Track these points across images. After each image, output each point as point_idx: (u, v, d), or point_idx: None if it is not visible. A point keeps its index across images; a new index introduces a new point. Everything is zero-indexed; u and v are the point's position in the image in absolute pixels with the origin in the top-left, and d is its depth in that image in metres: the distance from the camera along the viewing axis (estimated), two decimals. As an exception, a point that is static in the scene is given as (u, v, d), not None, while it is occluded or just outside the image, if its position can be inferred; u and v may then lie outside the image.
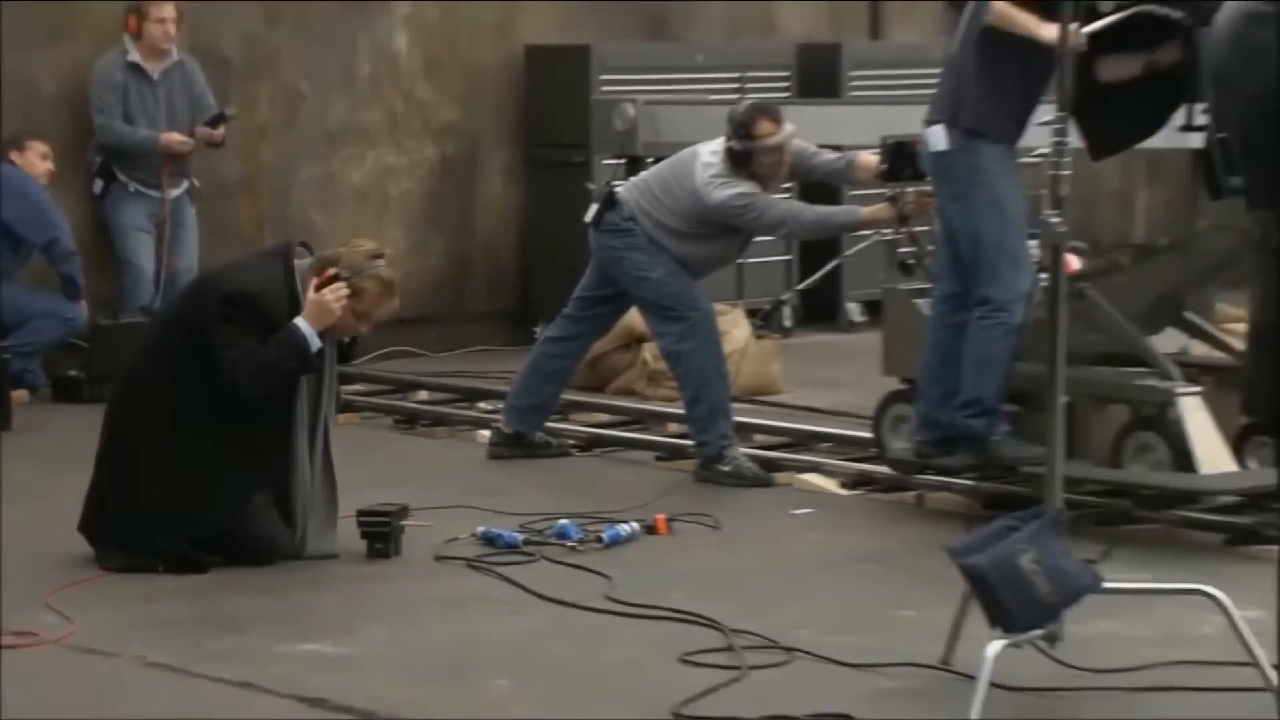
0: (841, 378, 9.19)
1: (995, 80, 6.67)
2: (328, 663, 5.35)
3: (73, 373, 9.18)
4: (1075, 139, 5.49)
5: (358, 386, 9.14)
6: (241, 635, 5.59)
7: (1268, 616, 4.11)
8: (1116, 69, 6.48)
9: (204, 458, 6.20)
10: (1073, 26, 5.23)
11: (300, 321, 6.15)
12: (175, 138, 9.49)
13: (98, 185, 9.60)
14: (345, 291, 6.16)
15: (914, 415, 7.08)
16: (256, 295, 6.21)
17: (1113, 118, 6.52)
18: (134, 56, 9.58)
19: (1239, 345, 6.36)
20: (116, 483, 6.30)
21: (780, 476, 7.63)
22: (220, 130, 9.61)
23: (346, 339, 6.46)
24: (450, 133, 11.10)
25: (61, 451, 7.43)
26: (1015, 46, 6.52)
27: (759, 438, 8.15)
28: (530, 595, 6.00)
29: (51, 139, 9.44)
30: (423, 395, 9.31)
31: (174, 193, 9.63)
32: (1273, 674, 4.29)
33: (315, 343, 6.17)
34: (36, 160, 9.20)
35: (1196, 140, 6.41)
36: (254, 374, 6.15)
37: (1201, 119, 6.27)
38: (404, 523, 6.47)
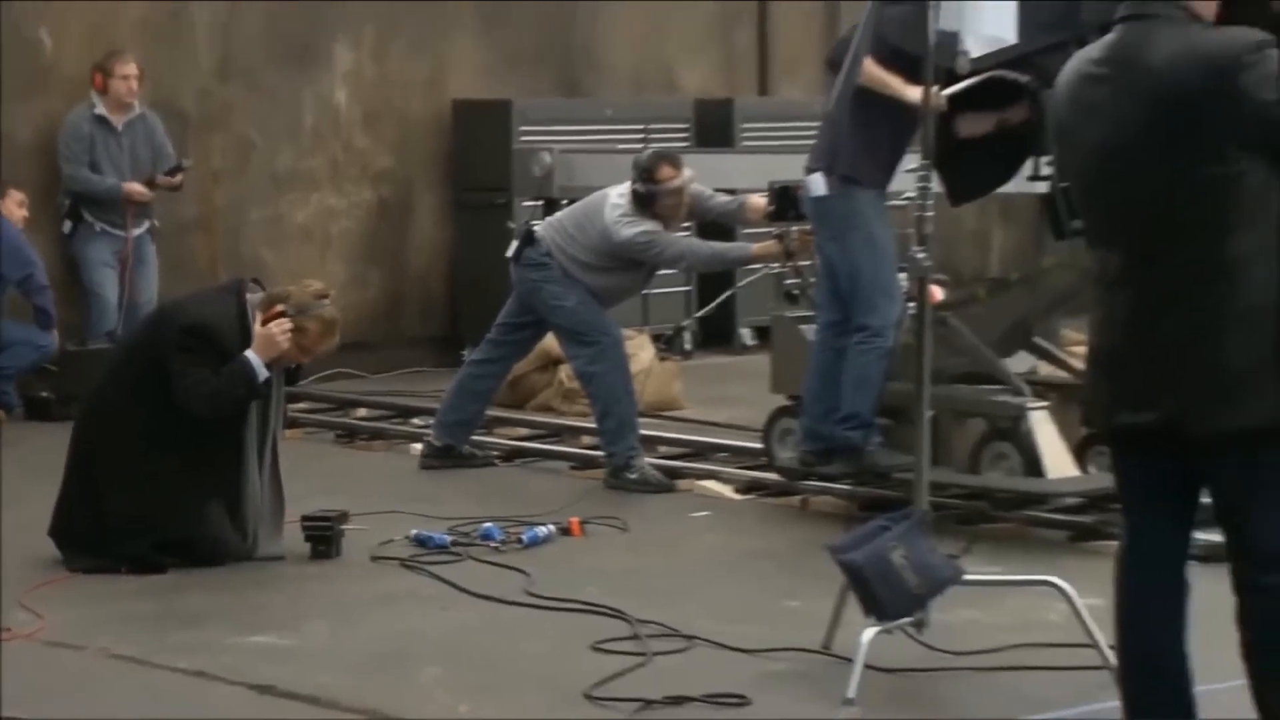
0: (735, 395, 9.21)
1: (868, 133, 6.72)
2: (275, 653, 5.33)
3: (44, 394, 9.10)
4: (937, 186, 5.53)
5: (303, 404, 9.09)
6: (197, 629, 5.56)
7: (1106, 604, 4.15)
8: (972, 126, 6.53)
9: (162, 470, 6.17)
10: (934, 89, 5.28)
11: (250, 354, 6.13)
12: (136, 188, 9.45)
13: (67, 225, 9.55)
14: (289, 326, 6.14)
15: (799, 428, 7.09)
16: (212, 328, 6.18)
17: (969, 169, 6.56)
18: (100, 110, 9.53)
19: (1080, 366, 6.43)
20: (83, 493, 6.26)
21: (681, 483, 7.64)
22: (178, 178, 9.59)
23: (293, 365, 6.45)
24: (385, 178, 11.08)
25: (33, 465, 7.35)
26: (885, 104, 6.56)
27: (662, 448, 8.16)
28: (458, 591, 5.99)
29: (25, 185, 9.38)
30: (361, 412, 9.28)
31: (136, 232, 9.58)
32: (1110, 654, 4.33)
33: (262, 373, 6.15)
34: (14, 207, 9.17)
35: (1042, 188, 6.47)
36: (206, 400, 6.13)
37: (1046, 170, 6.33)
38: (344, 527, 6.45)
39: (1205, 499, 4.03)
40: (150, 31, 10.26)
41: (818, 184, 6.83)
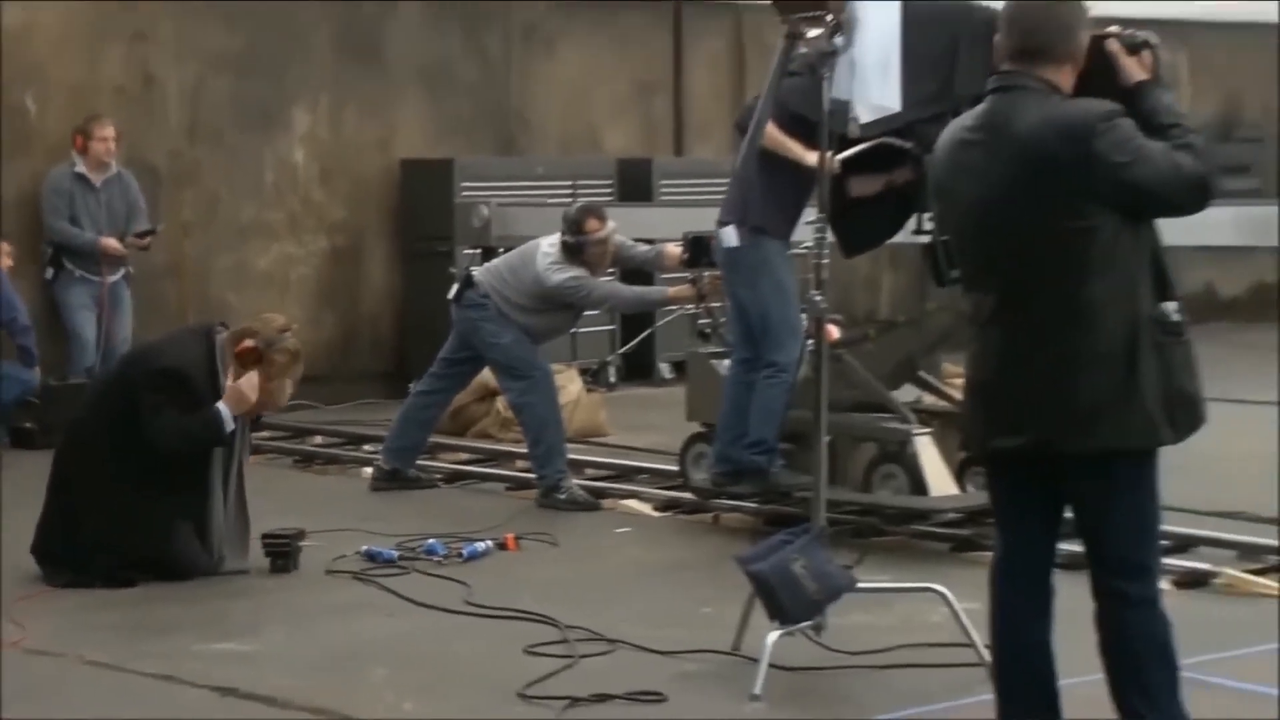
0: (654, 423, 9.22)
1: (774, 189, 6.72)
2: (237, 658, 5.29)
3: (28, 425, 8.99)
4: (833, 238, 5.57)
5: (264, 433, 9.01)
6: (165, 638, 5.51)
7: (982, 608, 4.19)
8: (863, 186, 6.58)
9: (134, 495, 6.11)
10: (829, 154, 5.32)
11: (221, 405, 6.08)
12: (111, 244, 9.40)
13: (49, 272, 9.49)
14: (257, 380, 6.09)
15: (711, 453, 7.09)
16: (182, 371, 6.13)
17: (860, 225, 6.61)
18: (80, 169, 9.48)
19: (958, 396, 6.47)
20: (62, 514, 6.20)
21: (606, 502, 7.64)
22: (146, 240, 9.53)
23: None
24: (339, 229, 11.05)
25: (18, 488, 7.27)
26: (787, 164, 6.60)
27: (589, 471, 8.15)
28: (404, 601, 5.97)
29: (11, 236, 9.31)
30: (317, 439, 9.23)
31: (112, 278, 9.51)
32: (985, 653, 4.37)
33: (230, 425, 6.11)
34: (1, 256, 9.09)
35: (925, 240, 6.52)
36: (173, 440, 6.08)
37: (928, 224, 6.38)
38: (301, 543, 6.41)
39: (1068, 514, 4.08)
40: (126, 98, 10.21)
41: (730, 236, 6.83)
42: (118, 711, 4.83)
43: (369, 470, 8.21)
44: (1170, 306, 3.92)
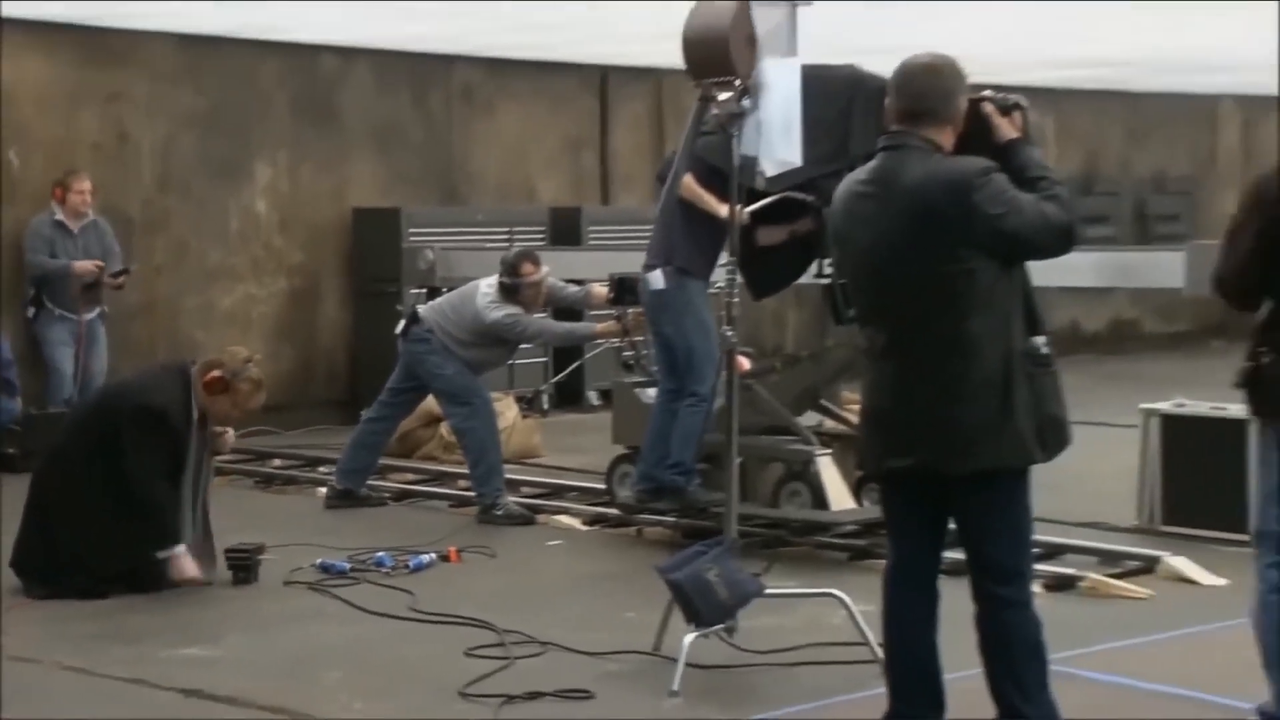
0: (584, 445, 9.21)
1: (695, 235, 6.67)
2: (202, 662, 5.23)
3: (10, 450, 8.84)
4: (743, 281, 5.59)
5: (227, 456, 8.86)
6: (136, 644, 5.44)
7: (875, 611, 4.21)
8: (770, 235, 6.60)
9: (107, 515, 6.03)
10: (739, 206, 5.33)
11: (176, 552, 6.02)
12: (85, 265, 9.28)
13: (30, 311, 9.36)
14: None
15: (635, 472, 7.06)
16: (163, 410, 6.07)
17: (767, 270, 6.64)
18: (60, 217, 9.37)
19: (855, 421, 6.50)
20: (40, 532, 6.11)
21: (540, 518, 7.59)
22: (120, 280, 9.41)
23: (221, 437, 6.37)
24: (297, 271, 10.97)
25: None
26: (706, 212, 6.61)
27: (524, 489, 8.10)
28: (355, 609, 5.91)
29: (-4, 279, 9.24)
30: (276, 462, 9.13)
31: (88, 316, 9.39)
32: (878, 651, 4.39)
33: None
34: None
35: (825, 282, 6.57)
36: (144, 485, 6.02)
37: (827, 269, 6.42)
38: (261, 557, 6.34)
39: (952, 526, 4.11)
40: (102, 153, 10.12)
41: (658, 279, 6.78)
42: (92, 712, 4.75)
43: (323, 490, 8.13)
44: (1040, 340, 3.97)
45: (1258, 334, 4.02)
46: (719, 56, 5.12)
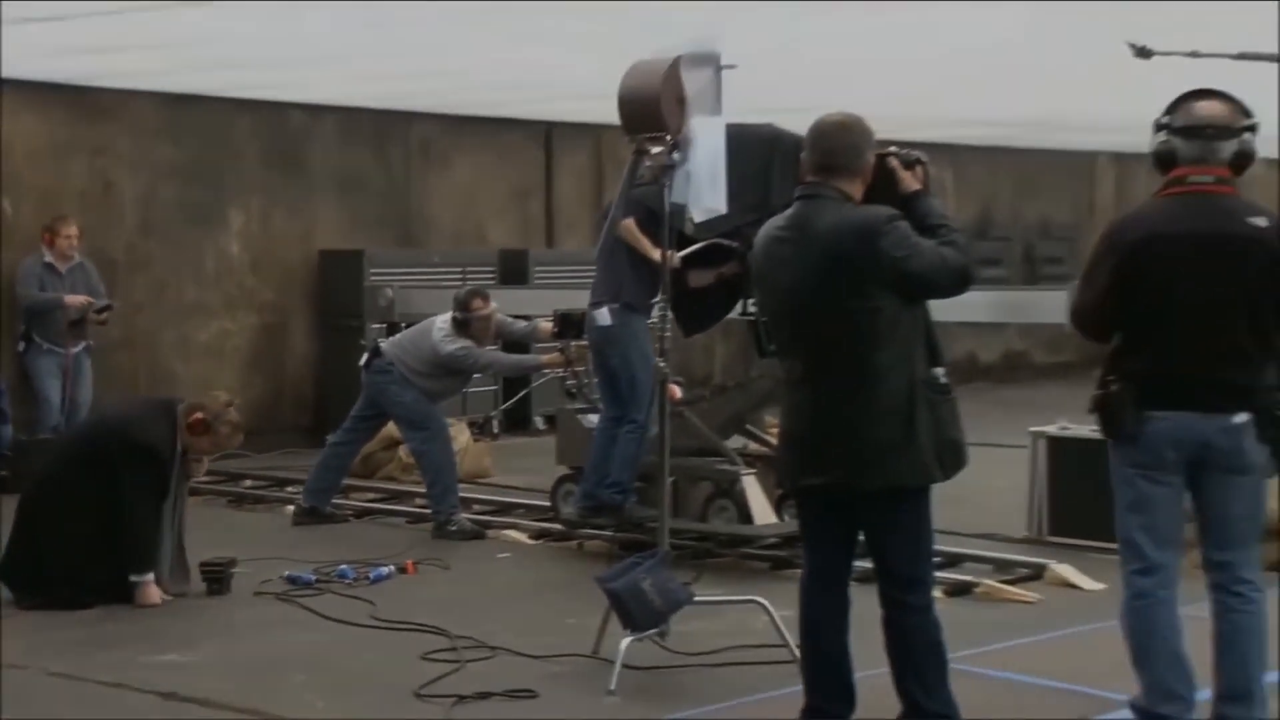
0: (530, 466, 9.17)
1: (641, 273, 6.63)
2: (178, 667, 5.15)
3: (2, 473, 8.70)
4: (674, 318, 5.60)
5: (203, 477, 8.81)
6: (118, 650, 5.36)
7: (793, 615, 4.21)
8: (699, 278, 6.61)
9: (89, 532, 5.95)
10: (671, 252, 5.35)
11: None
12: (76, 299, 9.17)
13: (21, 345, 9.23)
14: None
15: (578, 491, 7.05)
16: (155, 449, 6.02)
17: (697, 309, 6.65)
18: (49, 259, 9.25)
19: (776, 443, 6.54)
20: (28, 548, 6.01)
21: (490, 532, 7.55)
22: (104, 316, 9.29)
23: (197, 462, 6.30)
24: (268, 308, 10.88)
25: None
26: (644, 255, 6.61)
27: (476, 506, 8.05)
28: (320, 617, 5.85)
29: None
30: (248, 482, 9.03)
31: (74, 350, 9.26)
32: (796, 651, 4.39)
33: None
34: None
35: (749, 319, 6.59)
36: (137, 519, 5.97)
37: (751, 307, 6.44)
38: (233, 570, 6.27)
39: (861, 538, 4.12)
40: (89, 200, 10.02)
41: (604, 315, 6.74)
42: (76, 714, 4.68)
43: (291, 508, 8.05)
44: (939, 370, 4.01)
45: (1108, 363, 4.07)
46: (651, 114, 5.15)
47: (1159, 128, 4.05)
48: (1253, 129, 4.02)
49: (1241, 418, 3.92)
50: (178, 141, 10.42)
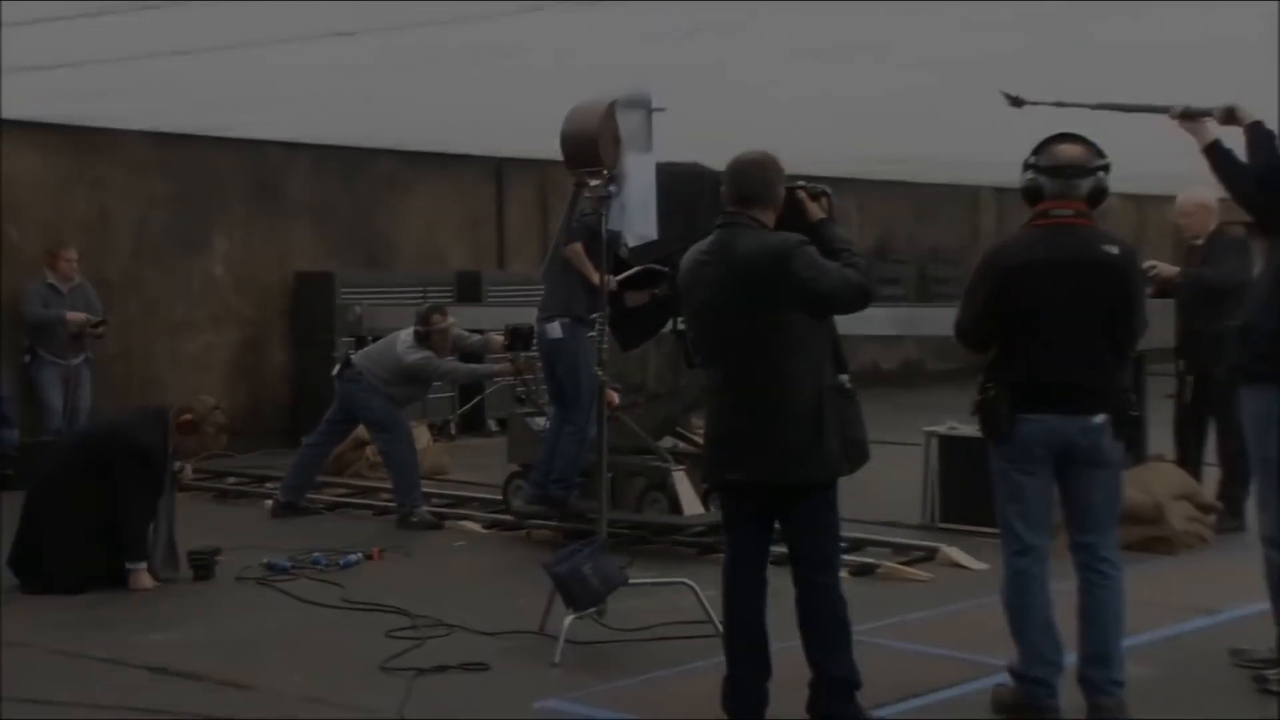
0: (484, 464, 9.12)
1: (585, 289, 6.59)
2: (168, 645, 5.08)
3: (8, 472, 8.54)
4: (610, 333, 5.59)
5: (191, 475, 8.67)
6: (112, 630, 5.28)
7: (717, 595, 4.22)
8: (635, 298, 6.58)
9: (87, 525, 5.86)
10: (609, 276, 5.34)
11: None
12: (78, 316, 9.03)
13: (26, 358, 9.09)
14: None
15: (526, 486, 7.03)
16: (151, 455, 5.94)
17: (633, 327, 6.64)
18: (51, 280, 9.12)
19: (701, 442, 6.55)
20: (32, 539, 5.92)
21: (447, 523, 7.50)
22: (100, 330, 9.16)
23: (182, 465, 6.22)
24: (249, 324, 10.77)
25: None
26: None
27: (435, 500, 8.00)
28: (296, 599, 5.79)
29: (-3, 332, 8.94)
30: (231, 479, 8.92)
31: (75, 361, 9.13)
32: (720, 627, 4.39)
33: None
34: None
35: (678, 333, 6.59)
36: (134, 516, 5.89)
37: (680, 323, 6.45)
38: (218, 558, 6.20)
39: (777, 526, 4.14)
40: (88, 227, 9.89)
41: (555, 329, 6.68)
42: (74, 688, 4.59)
43: (270, 502, 7.96)
44: (845, 377, 4.03)
45: (986, 372, 4.12)
46: (590, 152, 5.15)
47: (1027, 167, 4.13)
48: (1106, 168, 4.11)
49: (1100, 418, 4.00)
50: (167, 175, 10.32)
